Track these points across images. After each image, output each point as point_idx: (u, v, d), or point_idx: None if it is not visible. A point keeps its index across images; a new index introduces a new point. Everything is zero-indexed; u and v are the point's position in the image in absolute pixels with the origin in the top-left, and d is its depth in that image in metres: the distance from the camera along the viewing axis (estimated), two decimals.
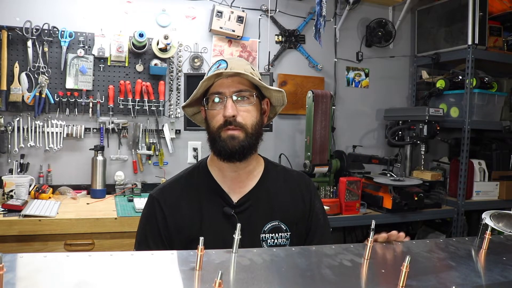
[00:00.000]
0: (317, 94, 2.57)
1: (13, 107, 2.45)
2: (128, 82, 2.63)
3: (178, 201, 1.17)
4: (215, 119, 1.12)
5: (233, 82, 1.11)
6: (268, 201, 1.19)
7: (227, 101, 1.10)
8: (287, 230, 1.18)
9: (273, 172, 1.25)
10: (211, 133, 1.15)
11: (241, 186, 1.19)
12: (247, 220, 1.14)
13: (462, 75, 2.95)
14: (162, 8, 2.74)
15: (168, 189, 1.21)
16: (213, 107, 1.13)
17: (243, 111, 1.11)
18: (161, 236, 1.15)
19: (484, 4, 2.85)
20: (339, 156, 2.79)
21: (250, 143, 1.12)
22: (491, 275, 0.78)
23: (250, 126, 1.12)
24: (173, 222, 1.15)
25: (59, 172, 2.59)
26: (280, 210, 1.19)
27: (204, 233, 1.10)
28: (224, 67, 1.11)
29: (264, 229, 1.16)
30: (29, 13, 2.47)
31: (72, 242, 2.03)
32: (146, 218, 1.19)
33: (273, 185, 1.22)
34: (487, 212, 1.01)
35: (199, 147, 2.85)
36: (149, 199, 1.21)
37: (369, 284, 0.73)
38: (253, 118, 1.13)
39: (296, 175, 1.30)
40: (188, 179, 1.22)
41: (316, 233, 1.24)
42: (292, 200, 1.22)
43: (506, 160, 3.14)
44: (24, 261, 0.69)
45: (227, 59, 1.15)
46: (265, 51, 2.98)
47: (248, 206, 1.17)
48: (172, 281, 0.68)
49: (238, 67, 1.11)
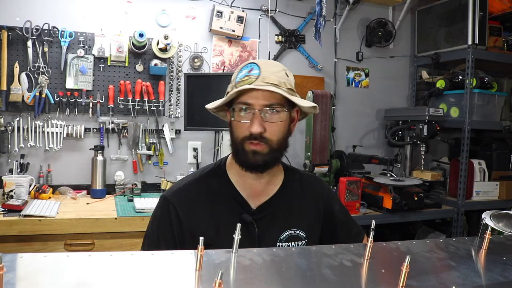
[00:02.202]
0: (317, 94, 2.57)
1: (13, 107, 2.45)
2: (128, 82, 2.64)
3: (194, 205, 1.12)
4: (240, 130, 1.06)
5: (264, 94, 1.02)
6: (287, 209, 1.16)
7: (255, 116, 1.02)
8: (306, 237, 1.15)
9: (292, 179, 1.22)
10: (234, 142, 1.09)
11: (261, 193, 1.15)
12: (265, 228, 1.11)
13: (462, 75, 2.95)
14: (162, 8, 2.74)
15: (184, 191, 1.14)
16: (240, 118, 1.05)
17: (271, 126, 1.04)
18: (175, 240, 1.09)
19: (484, 4, 2.85)
20: (339, 156, 2.79)
21: (274, 157, 1.08)
22: (491, 275, 0.78)
23: (276, 142, 1.06)
24: (188, 227, 1.09)
25: (59, 172, 2.59)
26: (298, 218, 1.16)
27: (220, 239, 1.06)
28: (256, 74, 1.03)
29: (281, 237, 1.13)
30: (29, 13, 2.47)
31: (72, 242, 2.03)
32: (160, 220, 1.13)
33: (292, 193, 1.19)
34: (487, 212, 1.01)
35: (199, 147, 2.85)
36: (162, 201, 1.14)
37: (369, 284, 0.73)
38: (281, 133, 1.07)
39: (311, 180, 1.27)
40: (205, 182, 1.16)
41: (340, 233, 1.23)
42: (308, 206, 1.20)
43: (506, 160, 3.14)
44: (24, 261, 0.69)
45: (260, 63, 1.06)
46: (265, 51, 2.98)
47: (267, 213, 1.13)
48: (172, 281, 0.68)
49: (271, 77, 1.03)
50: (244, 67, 1.08)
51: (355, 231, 1.28)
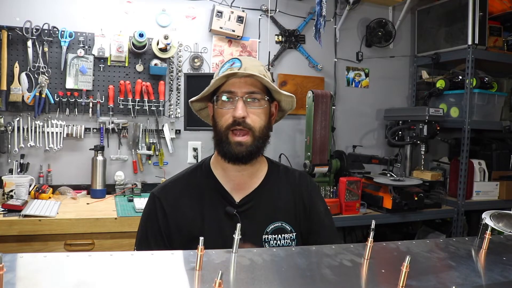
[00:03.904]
0: (317, 94, 2.57)
1: (13, 107, 2.45)
2: (128, 82, 2.64)
3: (179, 200, 1.16)
4: (223, 118, 1.11)
5: (246, 82, 1.10)
6: (271, 202, 1.19)
7: (238, 101, 1.08)
8: (292, 230, 1.17)
9: (276, 172, 1.25)
10: (218, 132, 1.13)
11: (244, 186, 1.18)
12: (250, 221, 1.13)
13: (462, 75, 2.95)
14: (162, 8, 2.74)
15: (170, 187, 1.20)
16: (223, 106, 1.11)
17: (253, 113, 1.10)
18: (162, 234, 1.14)
19: (484, 4, 2.85)
20: (339, 156, 2.79)
21: (257, 146, 1.12)
22: (491, 275, 0.78)
23: (258, 129, 1.11)
24: (174, 221, 1.14)
25: (59, 172, 2.59)
26: (283, 211, 1.18)
27: (205, 232, 1.09)
28: (238, 66, 1.09)
29: (267, 230, 1.15)
30: (29, 13, 2.47)
31: (72, 242, 2.03)
32: (147, 216, 1.19)
33: (276, 185, 1.22)
34: (487, 212, 1.01)
35: (199, 147, 2.85)
36: (150, 197, 1.20)
37: (369, 284, 0.73)
38: (262, 121, 1.12)
39: (297, 175, 1.28)
40: (190, 178, 1.21)
41: (320, 234, 1.22)
42: (293, 200, 1.22)
43: (506, 160, 3.14)
44: (24, 261, 0.69)
45: (241, 58, 1.13)
46: (265, 51, 2.98)
47: (251, 206, 1.16)
48: (172, 281, 0.68)
49: (252, 68, 1.09)
50: (227, 62, 1.15)
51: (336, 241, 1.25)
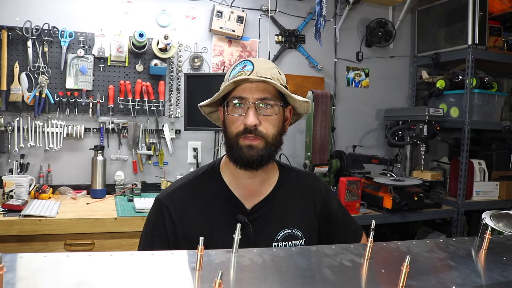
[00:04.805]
0: (317, 94, 2.57)
1: (13, 107, 2.45)
2: (128, 82, 2.64)
3: (187, 207, 1.11)
4: (234, 125, 1.05)
5: (258, 88, 1.03)
6: (283, 208, 1.15)
7: (249, 108, 1.02)
8: (302, 236, 1.14)
9: (287, 177, 1.20)
10: (228, 138, 1.08)
11: (255, 193, 1.13)
12: (261, 228, 1.10)
13: (462, 75, 2.95)
14: (162, 8, 2.74)
15: (178, 194, 1.14)
16: (233, 112, 1.05)
17: (265, 120, 1.04)
18: (169, 242, 1.09)
19: (484, 4, 2.85)
20: (339, 156, 2.79)
21: (269, 153, 1.06)
22: (491, 275, 0.78)
23: (271, 136, 1.06)
24: (182, 229, 1.09)
25: (59, 172, 2.59)
26: (294, 217, 1.15)
27: (214, 240, 1.04)
28: (250, 69, 1.03)
29: (277, 237, 1.11)
30: (29, 13, 2.47)
31: (72, 242, 2.03)
32: (154, 223, 1.13)
33: (287, 191, 1.18)
34: (487, 212, 1.01)
35: (199, 147, 2.85)
36: (156, 204, 1.14)
37: (369, 284, 0.73)
38: (275, 128, 1.06)
39: (308, 178, 1.26)
40: (198, 184, 1.15)
41: (338, 231, 1.22)
42: (304, 205, 1.19)
43: (506, 160, 3.14)
44: (24, 261, 0.69)
45: (254, 60, 1.07)
46: (265, 51, 2.98)
47: (262, 213, 1.12)
48: (172, 281, 0.68)
49: (264, 71, 1.03)
50: (238, 64, 1.08)
51: (353, 228, 1.27)
